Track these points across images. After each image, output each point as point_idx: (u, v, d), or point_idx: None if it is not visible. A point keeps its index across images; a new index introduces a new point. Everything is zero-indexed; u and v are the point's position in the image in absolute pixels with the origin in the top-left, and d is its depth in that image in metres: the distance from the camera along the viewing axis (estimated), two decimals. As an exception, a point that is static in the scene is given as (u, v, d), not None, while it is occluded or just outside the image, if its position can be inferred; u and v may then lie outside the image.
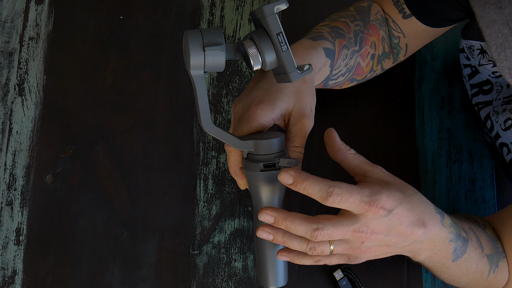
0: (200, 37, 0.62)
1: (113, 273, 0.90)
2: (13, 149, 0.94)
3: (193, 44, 0.62)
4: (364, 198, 0.62)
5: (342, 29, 0.80)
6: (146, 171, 0.93)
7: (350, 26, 0.81)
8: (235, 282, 0.90)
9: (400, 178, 0.69)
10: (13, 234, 0.91)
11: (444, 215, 0.70)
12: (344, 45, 0.79)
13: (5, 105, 0.96)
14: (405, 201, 0.64)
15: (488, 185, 0.95)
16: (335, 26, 0.80)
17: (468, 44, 0.82)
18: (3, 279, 0.89)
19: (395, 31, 0.85)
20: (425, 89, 0.98)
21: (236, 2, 1.01)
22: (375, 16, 0.84)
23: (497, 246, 0.76)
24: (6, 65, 0.97)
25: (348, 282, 0.89)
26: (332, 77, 0.80)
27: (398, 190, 0.64)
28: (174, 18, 1.00)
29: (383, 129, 0.97)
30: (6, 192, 0.92)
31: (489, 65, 0.83)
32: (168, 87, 0.97)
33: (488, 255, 0.75)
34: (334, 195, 0.61)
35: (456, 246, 0.71)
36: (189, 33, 0.62)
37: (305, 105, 0.71)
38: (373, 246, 0.65)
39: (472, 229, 0.75)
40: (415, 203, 0.65)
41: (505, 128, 0.86)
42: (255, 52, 0.63)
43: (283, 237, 0.66)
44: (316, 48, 0.75)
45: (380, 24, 0.84)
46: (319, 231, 0.62)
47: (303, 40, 0.77)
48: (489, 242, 0.76)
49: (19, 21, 0.99)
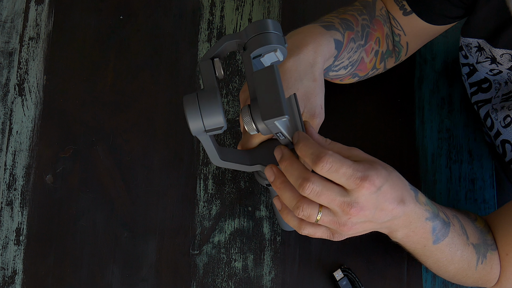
0: (196, 103, 0.63)
1: (113, 273, 0.90)
2: (13, 149, 0.94)
3: (190, 112, 0.63)
4: (357, 174, 0.61)
5: (351, 22, 0.79)
6: (146, 171, 0.93)
7: (358, 19, 0.80)
8: (235, 282, 0.90)
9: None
10: (13, 234, 0.91)
11: (418, 192, 0.69)
12: (352, 38, 0.78)
13: (5, 105, 0.96)
14: (389, 178, 0.64)
15: (488, 185, 0.95)
16: (344, 18, 0.80)
17: (466, 42, 0.83)
18: (3, 279, 0.89)
19: (396, 29, 0.85)
20: (425, 89, 0.98)
21: (236, 2, 1.01)
22: (380, 12, 0.84)
23: (485, 238, 0.76)
24: (6, 65, 0.97)
25: (348, 282, 0.89)
26: (333, 67, 0.79)
27: (383, 168, 0.64)
28: (174, 18, 1.00)
29: (383, 129, 0.97)
30: (6, 192, 0.92)
31: (486, 62, 0.83)
32: (168, 87, 0.97)
33: (474, 244, 0.74)
34: (324, 161, 0.60)
35: (435, 226, 0.71)
36: (186, 99, 0.63)
37: (315, 105, 0.71)
38: (359, 223, 0.64)
39: (457, 216, 0.75)
40: (396, 180, 0.65)
41: (505, 125, 0.86)
42: (249, 120, 0.64)
43: (280, 183, 0.64)
44: (328, 38, 0.74)
45: (384, 20, 0.84)
46: (308, 183, 0.60)
47: (315, 25, 0.75)
48: (475, 232, 0.75)
49: (19, 21, 0.99)
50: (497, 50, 0.77)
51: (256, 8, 1.01)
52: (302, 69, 0.70)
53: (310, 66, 0.70)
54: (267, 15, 1.01)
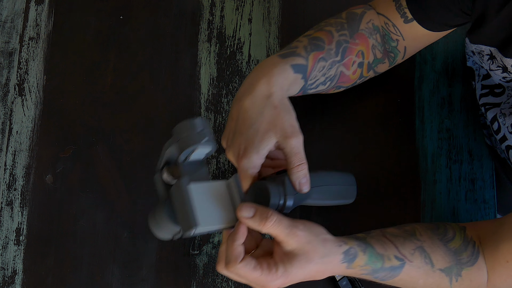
0: (154, 219, 0.74)
1: (113, 273, 0.90)
2: (13, 149, 0.94)
3: (153, 228, 0.74)
4: (275, 274, 0.69)
5: (323, 41, 0.81)
6: (146, 171, 0.93)
7: (333, 36, 0.82)
8: (235, 282, 0.90)
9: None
10: (13, 234, 0.91)
11: (355, 258, 0.72)
12: (320, 58, 0.80)
13: (5, 105, 0.96)
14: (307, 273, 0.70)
15: (488, 185, 0.95)
16: (316, 38, 0.81)
17: (478, 49, 0.82)
18: (3, 279, 0.89)
19: (394, 35, 0.85)
20: (425, 89, 0.98)
21: (236, 2, 1.01)
22: (365, 25, 0.84)
23: (459, 258, 0.77)
24: (6, 65, 0.97)
25: (348, 282, 0.89)
26: (309, 86, 0.81)
27: (300, 266, 0.70)
28: (174, 18, 1.00)
29: (383, 129, 0.97)
30: (6, 192, 0.92)
31: (498, 71, 0.83)
32: (168, 87, 0.97)
33: (443, 269, 0.76)
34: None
35: (376, 276, 0.75)
36: (149, 216, 0.74)
37: (284, 127, 0.72)
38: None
39: (421, 248, 0.76)
40: (316, 269, 0.71)
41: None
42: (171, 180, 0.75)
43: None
44: (282, 66, 0.76)
45: (370, 33, 0.84)
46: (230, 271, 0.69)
47: (273, 56, 0.78)
48: (446, 255, 0.76)
49: (19, 21, 0.99)
50: (508, 59, 0.77)
51: (256, 8, 1.01)
52: (259, 104, 0.73)
53: (266, 98, 0.73)
54: (267, 15, 1.01)
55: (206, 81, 0.98)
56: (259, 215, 0.68)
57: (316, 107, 0.97)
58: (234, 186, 0.73)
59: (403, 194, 0.94)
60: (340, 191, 0.82)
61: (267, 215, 0.68)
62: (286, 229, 0.68)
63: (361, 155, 0.95)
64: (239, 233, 0.69)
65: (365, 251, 0.73)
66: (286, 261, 0.68)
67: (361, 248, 0.72)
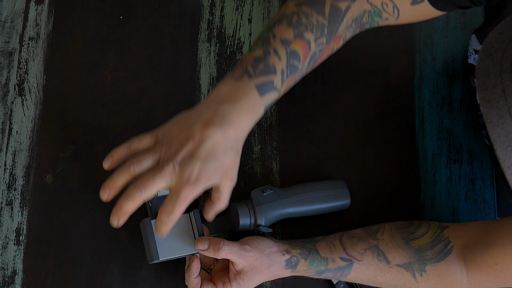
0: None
1: (113, 273, 0.90)
2: (13, 149, 0.94)
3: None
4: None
5: (298, 58, 0.76)
6: (146, 171, 0.93)
7: (310, 49, 0.77)
8: (235, 282, 0.90)
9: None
10: (13, 234, 0.91)
11: (297, 264, 0.84)
12: (294, 77, 0.78)
13: (5, 105, 0.96)
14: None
15: (488, 185, 0.96)
16: (294, 52, 0.76)
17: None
18: (3, 279, 0.89)
19: (387, 14, 0.80)
20: (425, 89, 0.98)
21: (236, 2, 1.01)
22: (345, 24, 0.79)
23: (421, 255, 0.82)
24: (6, 65, 0.97)
25: (346, 284, 0.89)
26: (295, 81, 0.79)
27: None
28: (174, 18, 1.00)
29: (383, 129, 0.97)
30: (6, 192, 0.92)
31: None
32: (168, 87, 0.97)
33: (401, 264, 0.83)
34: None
35: (324, 276, 0.86)
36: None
37: (233, 174, 0.75)
38: None
39: (376, 247, 0.84)
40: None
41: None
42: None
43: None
44: (259, 108, 0.74)
45: (347, 28, 0.80)
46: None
47: (253, 91, 0.74)
48: (406, 253, 0.83)
49: (19, 21, 0.99)
50: None
51: (256, 8, 1.01)
52: (229, 143, 0.72)
53: (235, 141, 0.73)
54: (267, 15, 1.01)
55: (206, 81, 0.98)
56: (212, 246, 0.80)
57: (317, 107, 0.97)
58: (194, 219, 0.83)
59: (403, 194, 0.94)
60: (328, 196, 0.89)
61: (219, 246, 0.80)
62: (236, 253, 0.80)
63: (361, 155, 0.95)
64: (193, 269, 0.83)
65: (307, 257, 0.84)
66: (238, 278, 0.82)
67: (303, 256, 0.84)
